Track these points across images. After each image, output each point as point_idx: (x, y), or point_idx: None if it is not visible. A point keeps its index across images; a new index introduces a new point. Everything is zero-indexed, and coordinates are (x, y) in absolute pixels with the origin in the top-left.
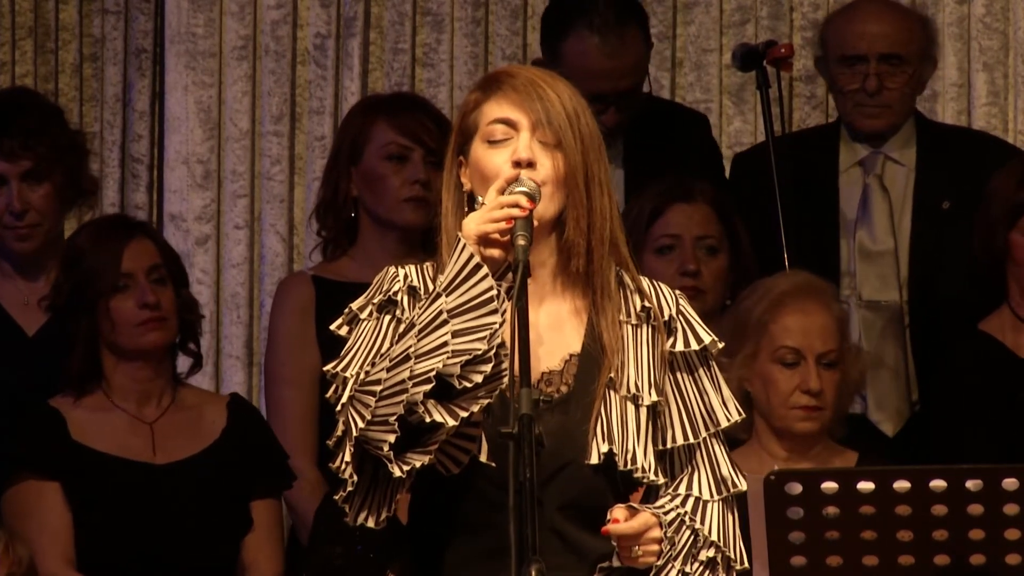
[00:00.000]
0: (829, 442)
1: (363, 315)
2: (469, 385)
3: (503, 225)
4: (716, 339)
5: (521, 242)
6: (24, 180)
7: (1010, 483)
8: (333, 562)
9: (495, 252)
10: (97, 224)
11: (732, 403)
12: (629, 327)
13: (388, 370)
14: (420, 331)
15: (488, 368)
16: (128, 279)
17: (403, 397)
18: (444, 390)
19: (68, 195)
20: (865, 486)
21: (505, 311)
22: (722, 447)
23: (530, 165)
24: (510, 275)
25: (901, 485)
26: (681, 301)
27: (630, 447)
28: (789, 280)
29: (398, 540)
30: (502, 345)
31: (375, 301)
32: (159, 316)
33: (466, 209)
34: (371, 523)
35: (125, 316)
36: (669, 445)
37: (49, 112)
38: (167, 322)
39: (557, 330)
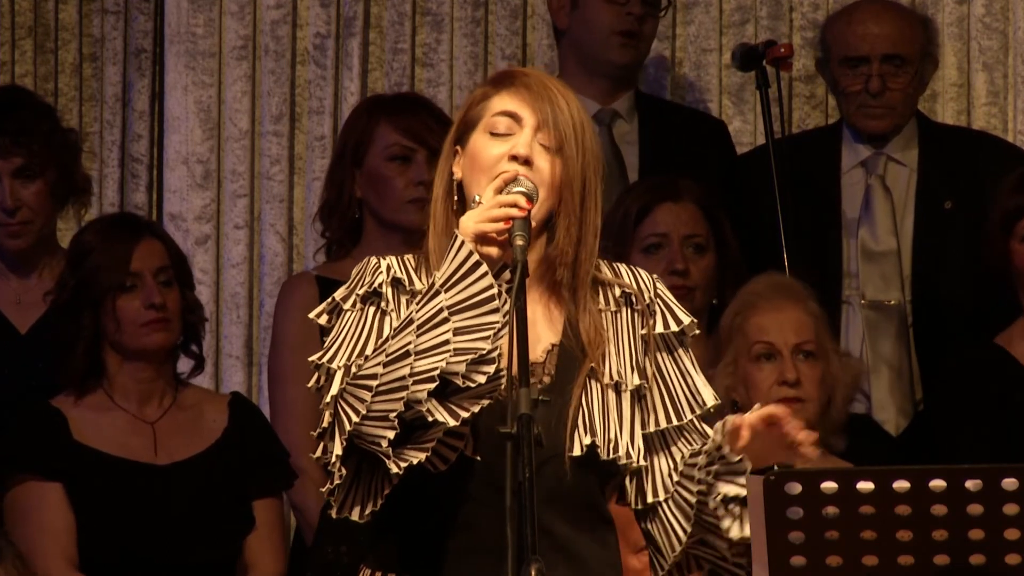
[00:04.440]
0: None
1: (346, 306)
2: (473, 385)
3: (501, 225)
4: (694, 320)
5: (519, 242)
6: (16, 177)
7: (1010, 483)
8: (340, 560)
9: (492, 251)
10: (105, 222)
11: (710, 387)
12: (608, 314)
13: (385, 365)
14: (419, 327)
15: (492, 368)
16: (136, 279)
17: (403, 394)
18: (441, 387)
19: (61, 193)
20: (865, 486)
21: (504, 310)
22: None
23: (527, 163)
24: (506, 274)
25: (901, 485)
26: (658, 284)
27: (612, 436)
28: (760, 282)
29: (379, 535)
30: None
31: (359, 292)
32: (164, 317)
33: (455, 198)
34: (355, 516)
35: (130, 316)
36: (653, 429)
37: (41, 110)
38: (171, 323)
39: (540, 325)
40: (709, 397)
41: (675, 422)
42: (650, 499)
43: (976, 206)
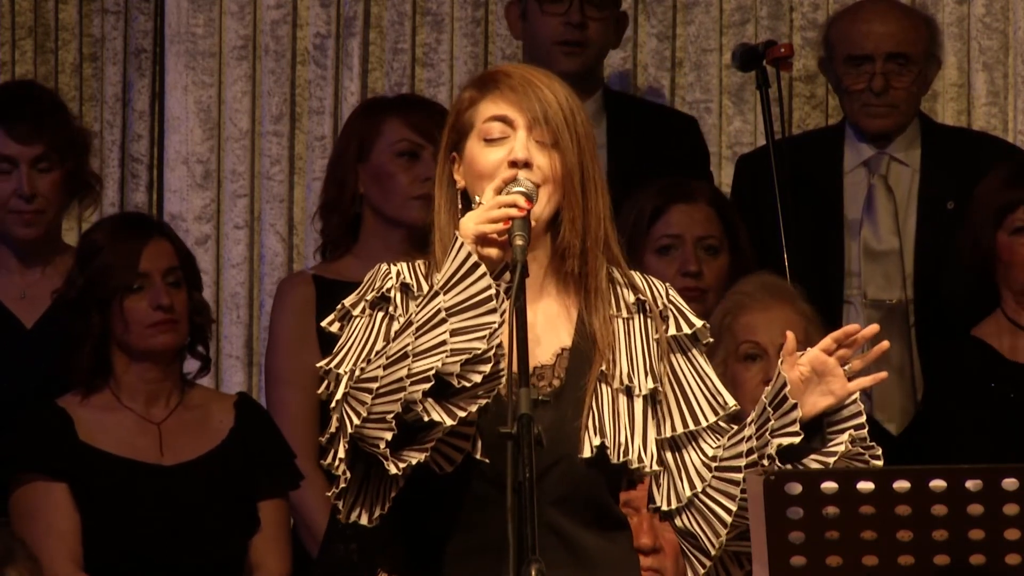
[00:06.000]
0: None
1: (356, 312)
2: (468, 385)
3: (501, 226)
4: (707, 324)
5: (519, 242)
6: (33, 166)
7: (1010, 483)
8: (349, 558)
9: (492, 252)
10: (115, 221)
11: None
12: (620, 321)
13: (385, 368)
14: (418, 329)
15: (487, 368)
16: (144, 279)
17: (401, 395)
18: (441, 388)
19: (72, 187)
20: (865, 486)
21: (503, 311)
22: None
23: (527, 166)
24: (507, 274)
25: (901, 485)
26: (670, 291)
27: (622, 440)
28: (750, 282)
29: (386, 537)
30: (499, 344)
31: (368, 298)
32: (172, 319)
33: (460, 206)
34: (364, 520)
35: (138, 316)
36: (668, 434)
37: (58, 103)
38: (179, 325)
39: (549, 327)
40: (730, 397)
41: (691, 427)
42: (687, 494)
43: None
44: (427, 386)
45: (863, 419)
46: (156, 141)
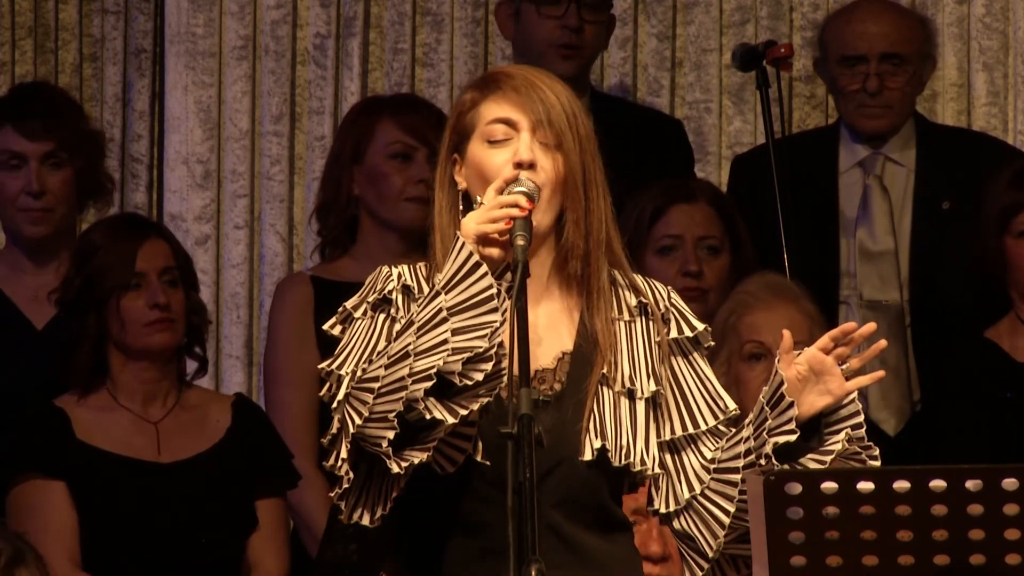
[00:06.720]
0: None
1: (357, 314)
2: (469, 383)
3: (502, 226)
4: (708, 328)
5: (520, 242)
6: (43, 163)
7: (1010, 483)
8: (349, 558)
9: (494, 252)
10: (111, 221)
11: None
12: (622, 323)
13: (386, 367)
14: (419, 328)
15: (489, 366)
16: (140, 279)
17: (402, 394)
18: (443, 388)
19: (85, 186)
20: (865, 486)
21: (504, 310)
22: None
23: (531, 167)
24: (508, 274)
25: (901, 485)
26: (672, 294)
27: (624, 442)
28: (754, 282)
29: (391, 538)
30: (500, 344)
31: (369, 300)
32: (168, 318)
33: (460, 207)
34: (366, 521)
35: (135, 315)
36: (668, 436)
37: (71, 103)
38: (175, 324)
39: (551, 329)
40: (730, 401)
41: (690, 430)
42: (686, 496)
43: (974, 206)
44: (428, 384)
45: (861, 419)
46: (156, 141)
